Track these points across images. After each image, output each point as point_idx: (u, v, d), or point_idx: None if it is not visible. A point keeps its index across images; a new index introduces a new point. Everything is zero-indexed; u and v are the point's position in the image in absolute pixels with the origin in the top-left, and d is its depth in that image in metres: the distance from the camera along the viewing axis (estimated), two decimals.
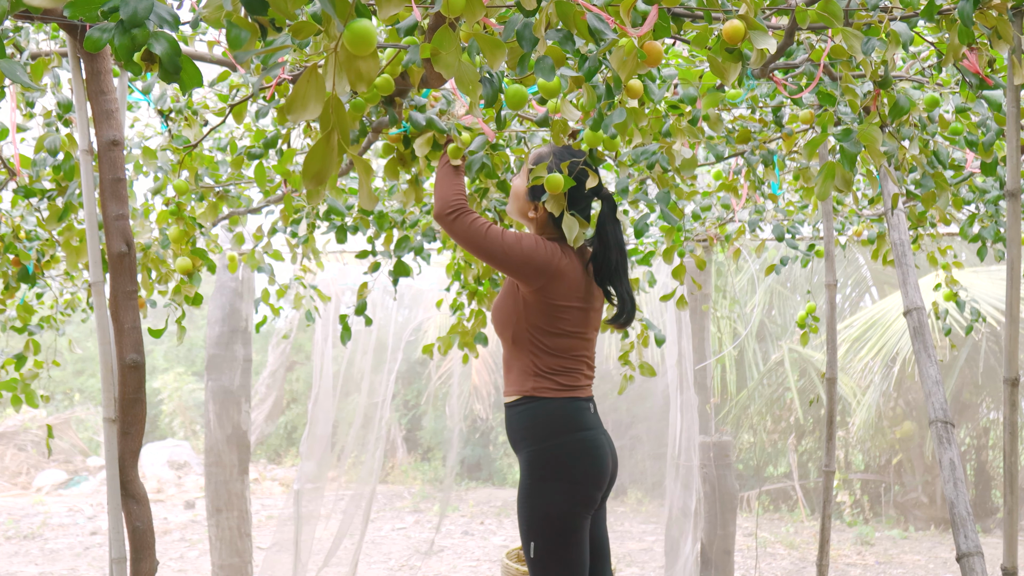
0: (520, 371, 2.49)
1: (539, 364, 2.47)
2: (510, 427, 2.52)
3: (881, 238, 3.90)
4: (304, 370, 13.33)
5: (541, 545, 2.36)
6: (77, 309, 3.93)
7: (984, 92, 2.19)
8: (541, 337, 2.48)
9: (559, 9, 1.60)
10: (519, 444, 2.48)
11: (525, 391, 2.47)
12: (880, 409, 9.86)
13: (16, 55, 2.46)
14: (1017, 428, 2.14)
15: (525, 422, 2.46)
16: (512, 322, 2.50)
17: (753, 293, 10.64)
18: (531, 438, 2.44)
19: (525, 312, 2.48)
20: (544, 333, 2.48)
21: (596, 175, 2.45)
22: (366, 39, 1.21)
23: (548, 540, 2.36)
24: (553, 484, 2.39)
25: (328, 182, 1.42)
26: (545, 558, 2.36)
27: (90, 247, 2.20)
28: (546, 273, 2.43)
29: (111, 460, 2.18)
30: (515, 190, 2.59)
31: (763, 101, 2.77)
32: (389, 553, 8.62)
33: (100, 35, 1.23)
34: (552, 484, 2.39)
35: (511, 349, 2.53)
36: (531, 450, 2.43)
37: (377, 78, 2.23)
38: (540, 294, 2.46)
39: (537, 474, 2.41)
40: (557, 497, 2.38)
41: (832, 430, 3.47)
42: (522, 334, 2.49)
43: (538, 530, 2.37)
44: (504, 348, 2.57)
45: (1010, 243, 2.12)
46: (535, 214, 2.55)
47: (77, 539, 9.24)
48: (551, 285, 2.45)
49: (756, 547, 8.17)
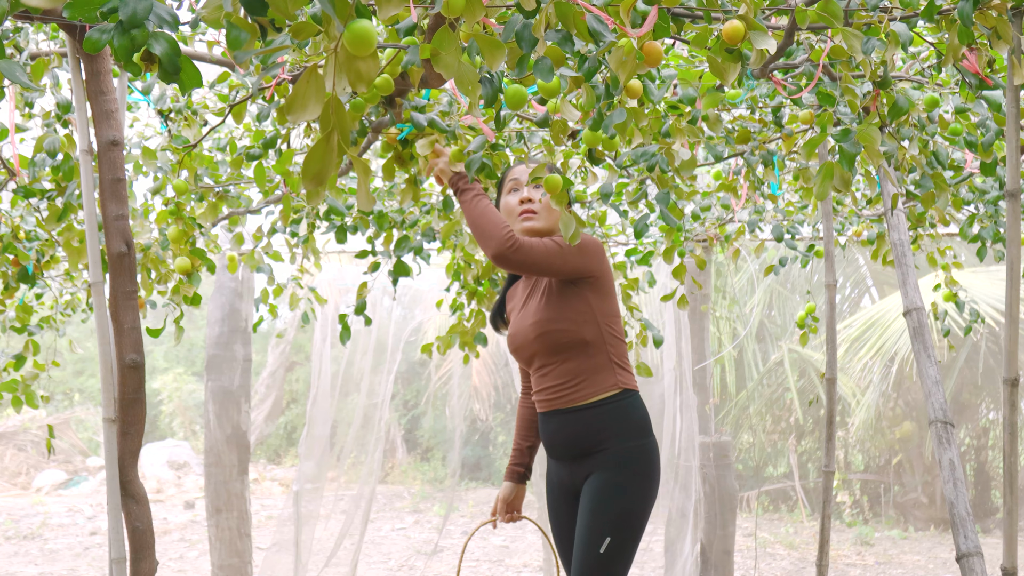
0: (599, 369, 2.46)
1: (615, 355, 2.49)
2: (592, 425, 2.45)
3: (881, 238, 3.90)
4: (304, 370, 13.33)
5: (617, 542, 2.36)
6: (77, 309, 3.93)
7: (984, 92, 2.19)
8: (612, 324, 2.52)
9: (559, 10, 1.60)
10: (606, 440, 2.43)
11: (614, 386, 2.46)
12: (880, 409, 9.86)
13: (16, 55, 2.46)
14: (1016, 428, 2.14)
15: (619, 417, 2.44)
16: (585, 322, 2.47)
17: (752, 293, 10.64)
18: (624, 434, 2.43)
19: (598, 304, 2.50)
20: (614, 319, 2.53)
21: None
22: (366, 39, 1.21)
23: (625, 537, 2.37)
24: (642, 482, 2.42)
25: (328, 182, 1.42)
26: (615, 555, 2.36)
27: (90, 247, 2.20)
28: (599, 252, 2.52)
29: (111, 460, 2.18)
30: (505, 208, 2.60)
31: (763, 101, 2.77)
32: (389, 553, 8.62)
33: (100, 36, 1.23)
34: (641, 482, 2.42)
35: (585, 352, 2.47)
36: (625, 446, 2.42)
37: (377, 78, 2.23)
38: (604, 277, 2.52)
39: (629, 471, 2.41)
40: (642, 495, 2.42)
41: (832, 430, 3.47)
42: (597, 330, 2.48)
43: (619, 527, 2.37)
44: (572, 359, 2.48)
45: (1010, 243, 2.12)
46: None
47: (77, 539, 9.24)
48: (605, 263, 2.53)
49: (756, 547, 8.17)
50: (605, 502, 2.40)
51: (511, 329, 2.65)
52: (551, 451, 2.57)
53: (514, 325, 2.63)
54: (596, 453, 2.44)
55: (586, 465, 2.45)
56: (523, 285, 2.68)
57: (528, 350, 2.55)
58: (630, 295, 3.87)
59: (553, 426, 2.52)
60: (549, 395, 2.51)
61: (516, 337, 2.59)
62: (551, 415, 2.52)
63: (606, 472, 2.42)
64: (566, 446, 2.50)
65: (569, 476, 2.53)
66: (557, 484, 2.59)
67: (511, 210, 2.57)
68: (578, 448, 2.47)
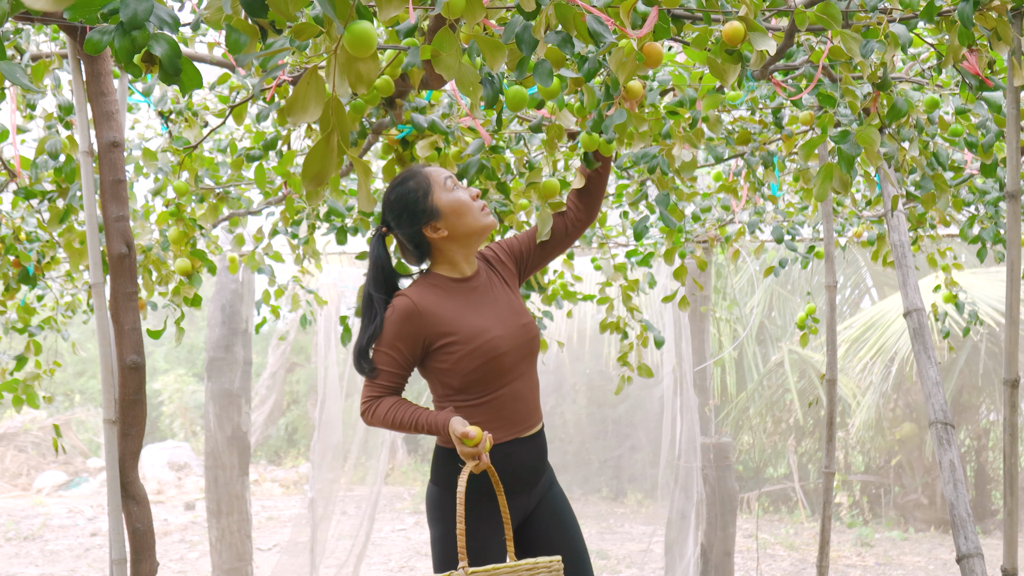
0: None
1: None
2: (543, 450, 2.38)
3: (881, 239, 3.90)
4: (304, 372, 13.33)
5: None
6: (78, 311, 3.94)
7: (984, 94, 2.20)
8: None
9: (559, 11, 1.60)
10: (546, 463, 2.42)
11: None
12: (880, 410, 9.86)
13: (17, 57, 2.46)
14: (1017, 430, 2.14)
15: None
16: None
17: (752, 294, 10.64)
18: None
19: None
20: None
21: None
22: (366, 41, 1.21)
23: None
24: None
25: (329, 183, 1.42)
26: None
27: (90, 249, 2.20)
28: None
29: (111, 461, 2.18)
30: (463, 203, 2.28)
31: (763, 103, 2.77)
32: (389, 554, 8.62)
33: (100, 37, 1.23)
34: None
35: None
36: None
37: (377, 80, 2.23)
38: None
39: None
40: None
41: (832, 431, 3.47)
42: None
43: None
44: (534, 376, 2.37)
45: (1010, 244, 2.12)
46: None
47: (77, 540, 9.24)
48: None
49: (757, 548, 8.17)
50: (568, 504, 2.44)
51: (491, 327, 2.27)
52: (519, 481, 2.30)
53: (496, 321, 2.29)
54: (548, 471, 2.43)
55: (542, 484, 2.37)
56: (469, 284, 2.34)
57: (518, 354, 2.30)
58: (630, 296, 3.88)
59: (528, 450, 2.31)
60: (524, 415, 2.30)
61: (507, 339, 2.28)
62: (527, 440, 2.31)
63: (554, 479, 2.44)
64: (538, 469, 2.35)
65: (524, 502, 2.34)
66: (498, 520, 2.29)
67: (469, 207, 2.27)
68: (542, 467, 2.37)
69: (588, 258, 4.46)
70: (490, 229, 2.30)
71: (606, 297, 4.05)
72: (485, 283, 2.35)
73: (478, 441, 2.08)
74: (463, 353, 2.23)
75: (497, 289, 2.36)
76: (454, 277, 2.32)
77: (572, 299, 3.90)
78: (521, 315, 2.34)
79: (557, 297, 3.90)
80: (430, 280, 2.31)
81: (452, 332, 2.23)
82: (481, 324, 2.26)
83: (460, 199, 2.27)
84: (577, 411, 11.40)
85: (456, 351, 2.23)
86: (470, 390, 2.25)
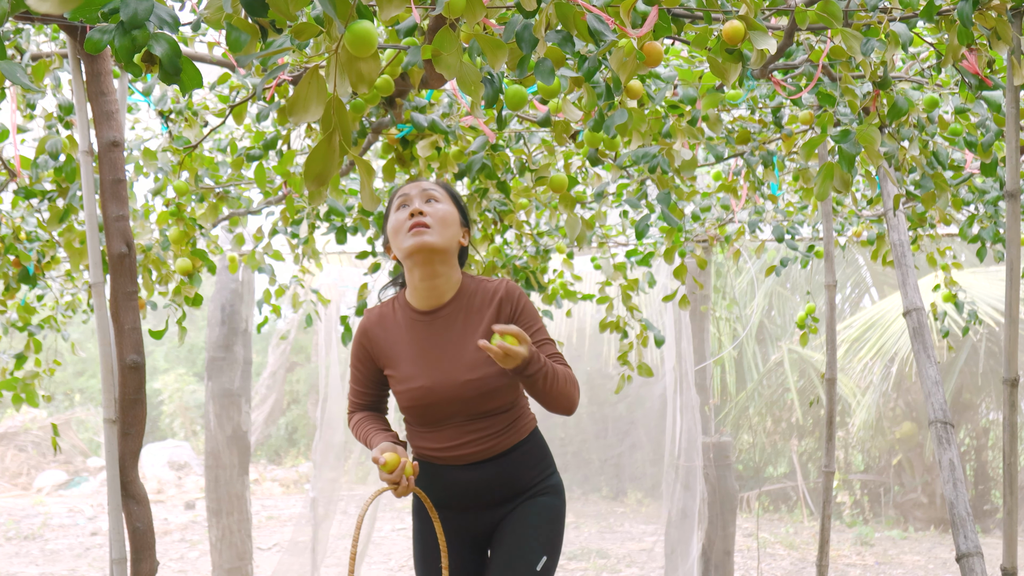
0: (522, 413, 2.38)
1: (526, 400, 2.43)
2: (526, 461, 2.37)
3: (881, 239, 3.90)
4: (304, 371, 13.33)
5: (552, 563, 2.38)
6: (78, 310, 3.94)
7: (983, 93, 2.20)
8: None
9: (559, 10, 1.60)
10: (542, 472, 2.40)
11: (530, 425, 2.40)
12: (880, 409, 9.87)
13: (17, 57, 2.46)
14: (1016, 429, 2.14)
15: (542, 450, 2.42)
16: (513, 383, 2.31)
17: (753, 294, 10.64)
18: (550, 464, 2.43)
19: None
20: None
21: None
22: (367, 40, 1.21)
23: (556, 557, 2.41)
24: (563, 511, 2.45)
25: (330, 183, 1.42)
26: (547, 574, 2.39)
27: (90, 248, 2.20)
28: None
29: (111, 461, 2.18)
30: (447, 216, 2.23)
31: (763, 102, 2.77)
32: (389, 553, 8.62)
33: (100, 36, 1.23)
34: (562, 510, 2.45)
35: (517, 402, 2.37)
36: (554, 475, 2.43)
37: (377, 79, 2.23)
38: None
39: (563, 496, 2.44)
40: (563, 525, 2.46)
41: (832, 431, 3.47)
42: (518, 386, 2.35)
43: (555, 548, 2.40)
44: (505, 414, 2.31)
45: (1009, 244, 2.12)
46: (466, 240, 2.31)
47: (77, 540, 9.24)
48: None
49: (757, 547, 8.17)
50: (551, 526, 2.37)
51: (419, 376, 2.23)
52: (456, 499, 2.32)
53: (429, 371, 2.24)
54: (541, 481, 2.39)
55: (505, 507, 2.35)
56: (419, 324, 2.28)
57: (451, 407, 2.24)
58: (629, 295, 3.88)
59: (467, 476, 2.30)
60: (476, 446, 2.28)
61: (437, 391, 2.22)
62: (467, 467, 2.29)
63: (550, 499, 2.39)
64: (482, 494, 2.32)
65: (475, 522, 2.36)
66: (455, 532, 2.36)
67: (399, 226, 2.20)
68: (524, 478, 2.36)
69: (588, 257, 4.46)
70: (412, 251, 2.17)
71: (606, 296, 4.05)
72: (445, 322, 2.26)
73: (391, 468, 2.09)
74: (398, 389, 2.26)
75: (456, 333, 2.25)
76: (414, 307, 2.28)
77: (572, 298, 3.90)
78: (471, 369, 2.21)
79: (557, 296, 3.91)
80: (396, 303, 2.33)
81: (390, 366, 2.28)
82: (411, 371, 2.23)
83: (394, 220, 2.22)
84: (577, 410, 11.40)
85: (394, 384, 2.28)
86: (411, 417, 2.31)
